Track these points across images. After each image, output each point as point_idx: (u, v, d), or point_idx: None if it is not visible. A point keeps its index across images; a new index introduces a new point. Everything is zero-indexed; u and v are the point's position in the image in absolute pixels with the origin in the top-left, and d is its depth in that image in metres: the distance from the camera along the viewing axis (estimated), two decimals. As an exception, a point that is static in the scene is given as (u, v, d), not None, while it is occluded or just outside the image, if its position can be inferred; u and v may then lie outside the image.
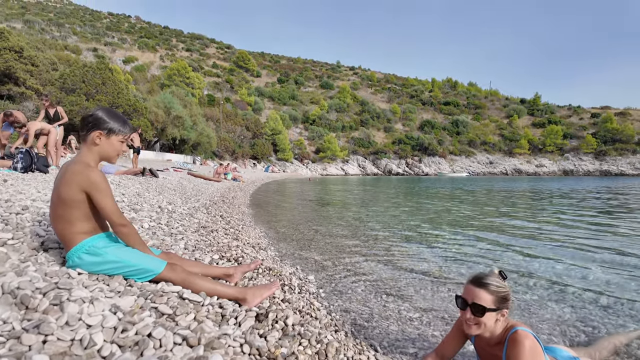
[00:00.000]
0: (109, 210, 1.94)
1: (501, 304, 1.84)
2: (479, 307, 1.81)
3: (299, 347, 1.89)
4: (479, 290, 1.83)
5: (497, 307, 1.82)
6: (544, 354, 1.84)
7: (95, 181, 1.91)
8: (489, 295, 1.82)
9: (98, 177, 1.92)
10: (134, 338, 1.38)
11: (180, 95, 43.68)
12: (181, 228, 4.33)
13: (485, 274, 1.92)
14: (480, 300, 1.82)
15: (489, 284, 1.84)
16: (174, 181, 11.92)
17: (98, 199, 1.91)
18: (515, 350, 1.74)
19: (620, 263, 4.41)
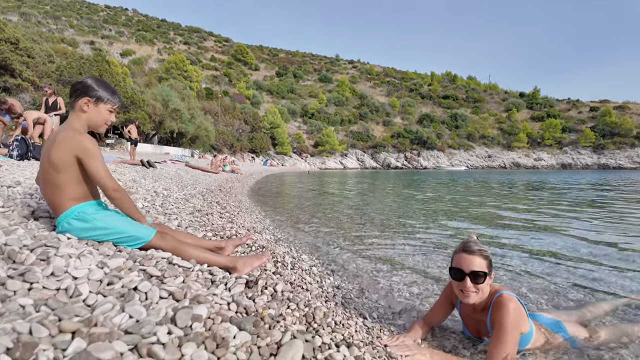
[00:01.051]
0: (101, 174, 1.95)
1: (491, 267, 1.88)
2: (479, 274, 1.82)
3: (287, 310, 1.91)
4: (474, 257, 1.84)
5: (489, 271, 1.86)
6: (527, 317, 1.87)
7: (87, 147, 1.91)
8: (484, 260, 1.85)
9: (89, 142, 1.93)
10: (119, 290, 1.39)
11: (178, 88, 43.47)
12: (175, 210, 4.35)
13: (471, 241, 1.94)
14: (479, 267, 1.83)
15: (481, 249, 1.87)
16: (171, 171, 11.91)
17: (90, 164, 1.91)
18: (500, 313, 1.77)
19: (610, 243, 4.45)
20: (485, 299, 1.91)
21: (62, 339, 0.99)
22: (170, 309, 1.33)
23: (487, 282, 1.85)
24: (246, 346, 1.32)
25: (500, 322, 1.75)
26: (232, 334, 1.34)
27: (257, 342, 1.38)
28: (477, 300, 1.88)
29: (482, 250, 1.88)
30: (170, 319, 1.28)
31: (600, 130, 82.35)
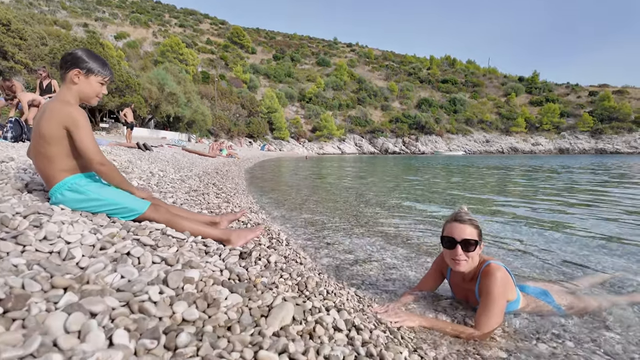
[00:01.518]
0: (87, 146, 1.92)
1: (480, 236, 1.92)
2: (470, 242, 1.86)
3: (279, 279, 1.94)
4: (465, 226, 1.89)
5: (479, 239, 1.90)
6: (515, 286, 1.92)
7: (76, 118, 1.90)
8: (474, 229, 1.89)
9: (78, 114, 1.92)
10: (112, 255, 1.42)
11: (174, 71, 42.82)
12: (171, 189, 4.36)
13: (462, 212, 1.97)
14: (470, 235, 1.87)
15: (471, 219, 1.92)
16: (168, 155, 11.88)
17: (76, 134, 1.90)
18: (488, 281, 1.81)
19: (600, 224, 4.51)
20: (474, 269, 1.95)
21: (55, 293, 1.01)
22: (162, 271, 1.36)
23: (477, 250, 1.89)
24: (237, 307, 1.35)
25: (487, 290, 1.79)
26: (223, 295, 1.37)
27: (249, 304, 1.41)
28: (467, 269, 1.92)
29: (473, 220, 1.92)
30: (162, 280, 1.30)
31: (599, 115, 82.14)
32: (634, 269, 2.73)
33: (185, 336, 0.97)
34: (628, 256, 3.07)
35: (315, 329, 1.41)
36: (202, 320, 1.17)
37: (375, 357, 1.30)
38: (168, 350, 0.93)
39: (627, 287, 2.39)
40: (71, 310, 0.92)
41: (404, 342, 1.61)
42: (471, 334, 1.70)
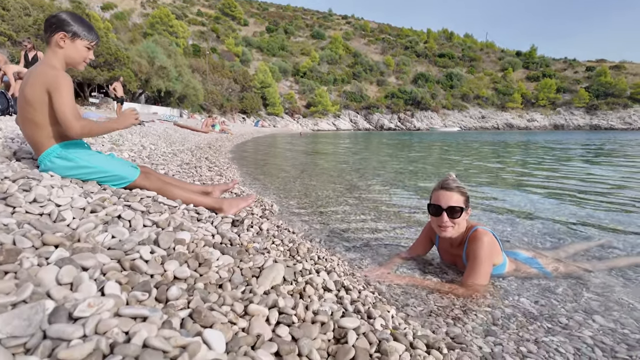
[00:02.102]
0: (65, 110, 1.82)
1: (467, 202, 1.95)
2: (456, 209, 1.90)
3: (271, 245, 1.98)
4: (451, 193, 1.92)
5: (466, 206, 1.94)
6: (501, 251, 1.97)
7: (58, 80, 1.85)
8: (461, 196, 1.92)
9: (62, 77, 1.87)
10: (103, 217, 1.43)
11: (163, 44, 41.56)
12: (162, 161, 4.34)
13: (449, 179, 2.00)
14: (456, 203, 1.90)
15: (459, 186, 1.95)
16: (159, 129, 11.74)
17: (55, 99, 1.82)
18: (474, 245, 1.86)
19: (587, 195, 4.60)
20: (462, 234, 1.99)
21: (46, 249, 1.02)
22: (153, 232, 1.38)
23: (463, 216, 1.92)
24: (229, 267, 1.38)
25: (474, 254, 1.84)
26: (215, 256, 1.40)
27: (240, 265, 1.44)
28: (453, 234, 1.96)
29: (460, 187, 1.94)
30: (153, 240, 1.32)
31: (595, 90, 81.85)
32: (618, 237, 2.81)
33: (176, 289, 1.00)
34: (615, 224, 3.15)
35: (305, 289, 1.45)
36: (193, 278, 1.20)
37: (363, 314, 1.35)
38: (159, 302, 0.96)
39: (611, 253, 2.47)
40: (62, 264, 0.93)
41: (392, 300, 1.67)
42: (456, 293, 1.76)
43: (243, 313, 1.06)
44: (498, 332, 1.37)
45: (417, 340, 1.23)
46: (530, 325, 1.44)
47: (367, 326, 1.21)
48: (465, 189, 1.95)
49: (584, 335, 1.36)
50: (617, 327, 1.44)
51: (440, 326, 1.43)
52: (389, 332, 1.24)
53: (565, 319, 1.50)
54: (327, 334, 1.11)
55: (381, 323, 1.29)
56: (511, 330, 1.40)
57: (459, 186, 1.95)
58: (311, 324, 1.13)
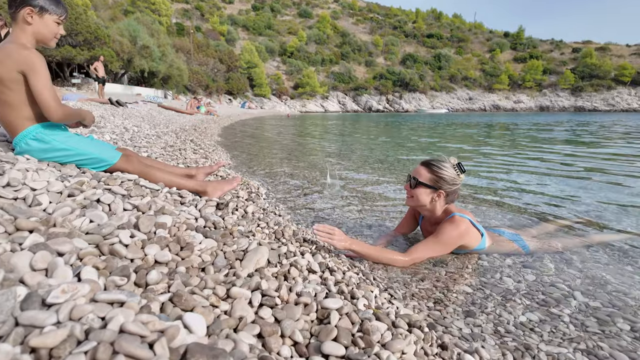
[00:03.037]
0: (44, 94, 1.78)
1: (437, 183, 1.97)
2: (414, 179, 2.02)
3: (257, 228, 1.97)
4: (421, 167, 2.03)
5: (432, 184, 1.97)
6: (479, 237, 1.99)
7: (32, 61, 1.77)
8: (427, 173, 1.99)
9: (35, 57, 1.79)
10: (81, 201, 1.39)
11: (146, 23, 40.11)
12: (146, 144, 4.25)
13: (437, 159, 2.03)
14: (417, 175, 2.02)
15: (432, 164, 1.99)
16: (143, 111, 11.46)
17: (33, 81, 1.75)
18: (443, 227, 1.94)
19: (570, 176, 4.71)
20: (440, 216, 2.06)
21: (19, 235, 0.99)
22: (133, 216, 1.35)
23: (423, 192, 2.00)
24: (212, 250, 1.37)
25: (440, 231, 1.94)
26: (197, 240, 1.38)
27: (223, 248, 1.43)
28: (412, 205, 2.10)
29: (435, 166, 1.98)
30: (133, 224, 1.30)
31: (580, 72, 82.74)
32: (597, 214, 2.89)
33: (156, 274, 0.99)
34: (596, 204, 3.23)
35: (289, 271, 1.45)
36: (175, 262, 1.18)
37: (347, 294, 1.36)
38: (138, 287, 0.95)
39: (589, 230, 2.54)
40: (37, 250, 0.91)
41: (375, 282, 1.69)
42: (396, 259, 1.88)
43: (225, 296, 1.06)
44: (477, 313, 1.41)
45: (399, 319, 1.25)
46: (508, 303, 1.48)
47: (350, 306, 1.23)
48: (441, 171, 1.96)
49: (562, 313, 1.41)
50: (593, 302, 1.50)
51: (422, 309, 1.45)
52: (371, 311, 1.25)
53: (542, 295, 1.54)
54: (311, 315, 1.12)
55: (364, 303, 1.30)
56: (490, 309, 1.43)
57: (433, 164, 1.99)
58: (294, 305, 1.13)
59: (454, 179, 1.97)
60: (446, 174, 1.96)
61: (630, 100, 76.38)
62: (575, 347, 1.20)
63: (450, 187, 1.97)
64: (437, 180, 1.96)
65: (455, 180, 1.97)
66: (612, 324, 1.34)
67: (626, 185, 3.99)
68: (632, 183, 4.10)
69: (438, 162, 2.00)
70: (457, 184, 1.98)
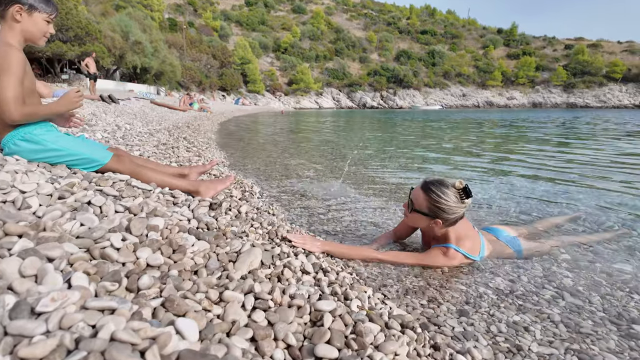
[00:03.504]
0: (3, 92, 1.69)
1: (434, 212, 1.81)
2: (411, 203, 1.91)
3: (250, 228, 1.97)
4: (420, 191, 1.86)
5: (428, 213, 1.83)
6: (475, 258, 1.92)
7: (6, 59, 1.73)
8: (424, 200, 1.82)
9: (10, 55, 1.74)
10: (72, 204, 1.38)
11: (138, 18, 39.65)
12: (138, 142, 4.21)
13: (439, 183, 1.83)
14: (414, 199, 1.88)
15: (431, 190, 1.81)
16: (135, 108, 11.35)
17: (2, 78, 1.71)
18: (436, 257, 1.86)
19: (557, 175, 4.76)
20: (438, 237, 1.93)
21: (8, 240, 0.98)
22: (125, 219, 1.34)
23: (419, 218, 1.89)
24: (205, 253, 1.37)
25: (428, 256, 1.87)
26: (190, 242, 1.37)
27: (216, 250, 1.42)
28: (409, 224, 2.10)
29: (433, 193, 1.79)
30: (124, 227, 1.29)
31: (572, 68, 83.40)
32: (588, 211, 2.92)
33: (148, 278, 0.98)
34: (587, 200, 3.27)
35: (283, 272, 1.45)
36: (167, 265, 1.18)
37: (340, 295, 1.37)
38: (130, 292, 0.94)
39: (579, 228, 2.57)
40: (26, 256, 0.90)
41: (369, 281, 1.70)
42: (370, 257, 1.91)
43: (218, 300, 1.06)
44: (470, 312, 1.42)
45: (392, 320, 1.26)
46: (502, 303, 1.50)
47: (344, 308, 1.23)
48: (439, 201, 1.77)
49: (553, 313, 1.42)
50: (584, 304, 1.52)
51: (415, 307, 1.46)
52: (364, 313, 1.26)
53: (535, 297, 1.56)
54: (304, 317, 1.13)
55: (357, 304, 1.31)
56: (483, 309, 1.45)
57: (432, 191, 1.80)
58: (288, 308, 1.13)
59: (453, 209, 1.77)
60: (445, 204, 1.76)
61: (622, 97, 77.19)
62: (567, 347, 1.22)
63: (449, 217, 1.79)
64: (434, 210, 1.80)
65: (455, 210, 1.77)
66: (602, 325, 1.36)
67: (614, 180, 4.05)
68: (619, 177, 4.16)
69: (439, 187, 1.79)
70: (457, 213, 1.79)
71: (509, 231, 2.25)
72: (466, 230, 1.93)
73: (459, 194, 1.76)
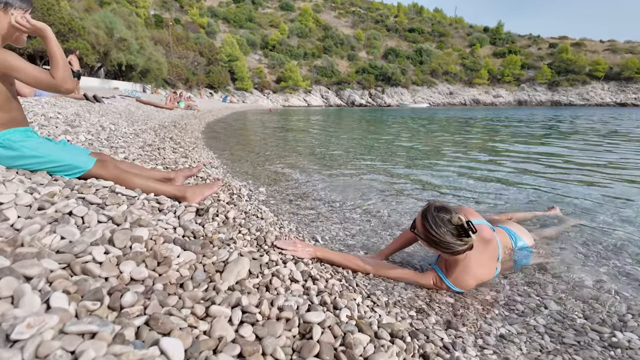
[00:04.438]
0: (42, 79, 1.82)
1: (431, 243, 1.69)
2: (413, 223, 1.79)
3: (238, 235, 1.94)
4: (420, 217, 1.74)
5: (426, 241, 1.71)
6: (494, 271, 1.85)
7: (6, 60, 1.69)
8: (422, 227, 1.70)
9: (8, 55, 1.71)
10: (52, 215, 1.33)
11: (123, 14, 38.92)
12: (123, 143, 4.12)
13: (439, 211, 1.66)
14: (416, 222, 1.76)
15: (427, 220, 1.67)
16: (120, 107, 11.12)
17: (21, 75, 1.75)
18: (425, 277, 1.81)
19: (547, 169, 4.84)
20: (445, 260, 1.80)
21: (-18, 259, 0.94)
22: (107, 230, 1.30)
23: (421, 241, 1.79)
24: (190, 264, 1.34)
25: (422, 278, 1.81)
26: (175, 253, 1.34)
27: (203, 260, 1.40)
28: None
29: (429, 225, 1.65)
30: (107, 239, 1.25)
31: (557, 67, 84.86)
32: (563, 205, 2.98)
33: (131, 295, 0.95)
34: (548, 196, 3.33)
35: (271, 281, 1.44)
36: (151, 278, 1.15)
37: (329, 305, 1.36)
38: (113, 311, 0.92)
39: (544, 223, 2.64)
40: (1, 275, 0.86)
41: (358, 289, 1.69)
42: (363, 268, 1.89)
43: (204, 315, 1.03)
44: (458, 324, 1.42)
45: (381, 329, 1.25)
46: (488, 314, 1.51)
47: (333, 319, 1.22)
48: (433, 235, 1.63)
49: (538, 324, 1.44)
50: (567, 312, 1.53)
51: (404, 317, 1.46)
52: (354, 323, 1.25)
53: (520, 305, 1.57)
54: (292, 330, 1.11)
55: (347, 314, 1.30)
56: (471, 321, 1.45)
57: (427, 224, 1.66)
58: (276, 320, 1.12)
59: (450, 246, 1.59)
60: (439, 238, 1.61)
61: (604, 95, 78.90)
62: (552, 359, 1.23)
63: (445, 251, 1.64)
64: (430, 241, 1.66)
65: (452, 247, 1.59)
66: (584, 334, 1.38)
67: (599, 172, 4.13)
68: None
69: (435, 219, 1.63)
70: (455, 249, 1.60)
71: (525, 239, 2.11)
72: (479, 260, 1.72)
73: (457, 230, 1.57)
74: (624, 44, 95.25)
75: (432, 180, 4.22)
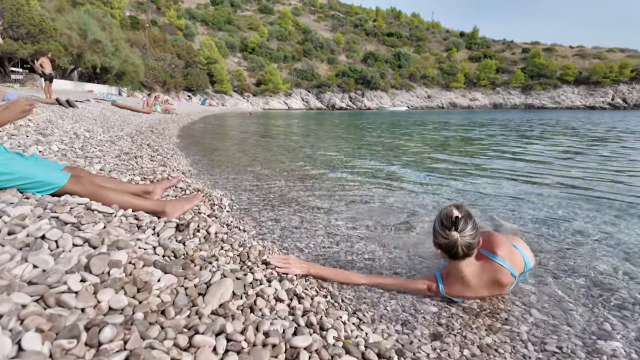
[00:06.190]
0: None
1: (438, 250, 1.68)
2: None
3: (220, 251, 1.90)
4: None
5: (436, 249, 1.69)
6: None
7: None
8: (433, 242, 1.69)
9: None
10: (24, 240, 1.27)
11: (97, 15, 37.88)
12: (99, 153, 3.99)
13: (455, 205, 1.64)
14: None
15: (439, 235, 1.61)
16: (95, 111, 10.79)
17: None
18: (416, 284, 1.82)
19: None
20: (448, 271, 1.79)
21: (-54, 297, 0.88)
22: (84, 256, 1.25)
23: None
24: (172, 288, 1.30)
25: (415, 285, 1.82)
26: (155, 277, 1.30)
27: (184, 283, 1.36)
28: None
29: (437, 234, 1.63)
30: (83, 266, 1.20)
31: (530, 71, 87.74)
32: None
33: (110, 330, 0.91)
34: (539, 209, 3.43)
35: (256, 302, 1.41)
36: (131, 306, 1.10)
37: (315, 325, 1.34)
38: (91, 348, 0.87)
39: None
40: (-32, 316, 0.81)
41: (344, 304, 1.68)
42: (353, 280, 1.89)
43: (188, 345, 1.00)
44: (444, 335, 1.43)
45: (368, 350, 1.24)
46: (473, 323, 1.52)
47: (320, 341, 1.21)
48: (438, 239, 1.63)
49: (521, 331, 1.47)
50: (549, 319, 1.57)
51: (390, 333, 1.46)
52: (341, 344, 1.24)
53: (505, 314, 1.60)
54: (279, 357, 1.09)
55: (334, 335, 1.29)
56: (456, 331, 1.47)
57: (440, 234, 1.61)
58: (262, 347, 1.09)
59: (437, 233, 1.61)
60: (434, 224, 1.66)
61: (574, 98, 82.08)
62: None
63: (435, 240, 1.64)
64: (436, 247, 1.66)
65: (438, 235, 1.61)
66: (567, 340, 1.41)
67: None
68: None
69: (443, 210, 1.65)
70: (440, 240, 1.60)
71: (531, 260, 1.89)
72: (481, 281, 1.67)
73: (443, 220, 1.59)
74: (591, 49, 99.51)
75: (424, 181, 4.27)
